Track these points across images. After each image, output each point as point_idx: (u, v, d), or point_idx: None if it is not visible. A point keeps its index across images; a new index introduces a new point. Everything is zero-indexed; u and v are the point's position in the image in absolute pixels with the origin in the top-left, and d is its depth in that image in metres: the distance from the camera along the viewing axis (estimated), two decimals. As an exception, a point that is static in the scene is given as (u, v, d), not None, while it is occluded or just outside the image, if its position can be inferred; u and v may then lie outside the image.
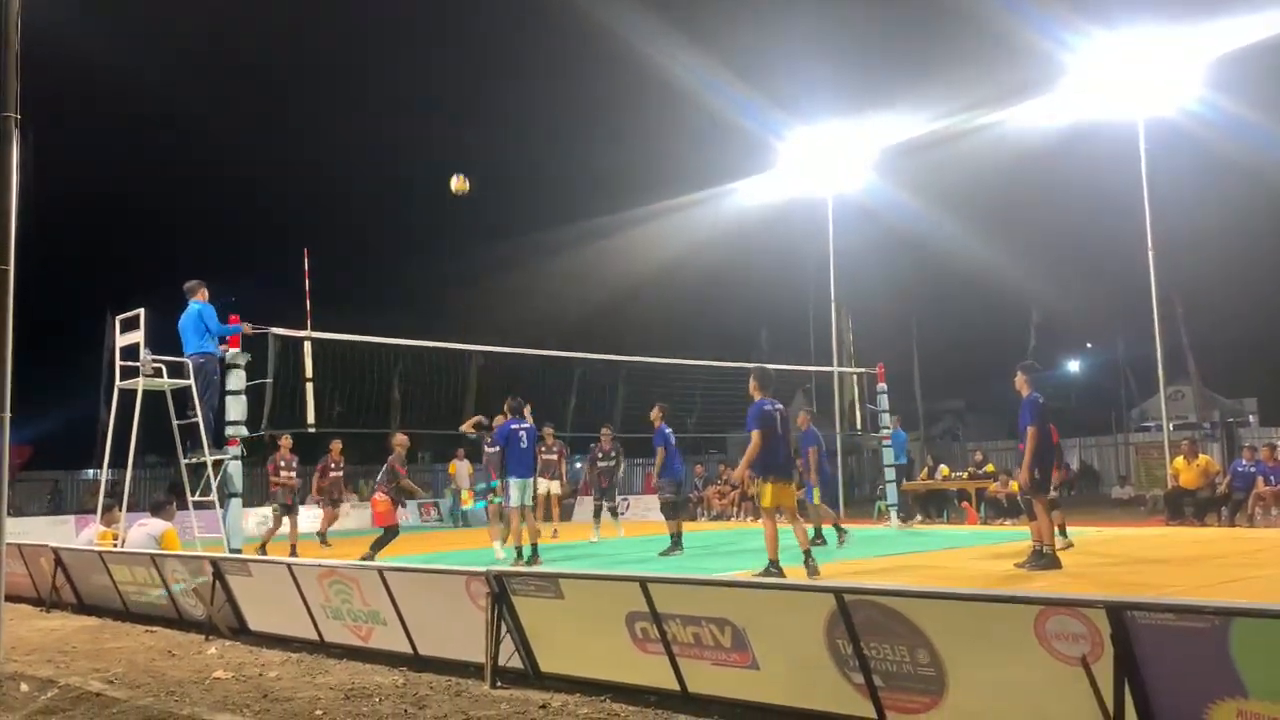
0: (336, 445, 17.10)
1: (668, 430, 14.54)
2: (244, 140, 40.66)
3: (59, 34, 21.52)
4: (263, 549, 14.86)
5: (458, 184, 14.45)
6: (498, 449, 13.33)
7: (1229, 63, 19.83)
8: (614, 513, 17.86)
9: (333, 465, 17.31)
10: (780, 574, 9.80)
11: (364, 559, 12.30)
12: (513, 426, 12.93)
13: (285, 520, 16.06)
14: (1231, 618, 3.84)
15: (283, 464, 16.16)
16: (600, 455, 17.84)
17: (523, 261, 39.45)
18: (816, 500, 14.27)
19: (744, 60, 33.30)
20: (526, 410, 13.46)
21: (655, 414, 14.61)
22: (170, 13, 36.34)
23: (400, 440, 13.99)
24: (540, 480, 16.30)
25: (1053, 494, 12.59)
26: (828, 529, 14.48)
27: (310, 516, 18.61)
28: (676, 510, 14.81)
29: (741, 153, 29.55)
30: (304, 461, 17.58)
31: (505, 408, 13.41)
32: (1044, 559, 10.63)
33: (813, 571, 10.05)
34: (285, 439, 15.88)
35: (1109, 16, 20.75)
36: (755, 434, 10.11)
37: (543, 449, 17.23)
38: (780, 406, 10.50)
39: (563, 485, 18.70)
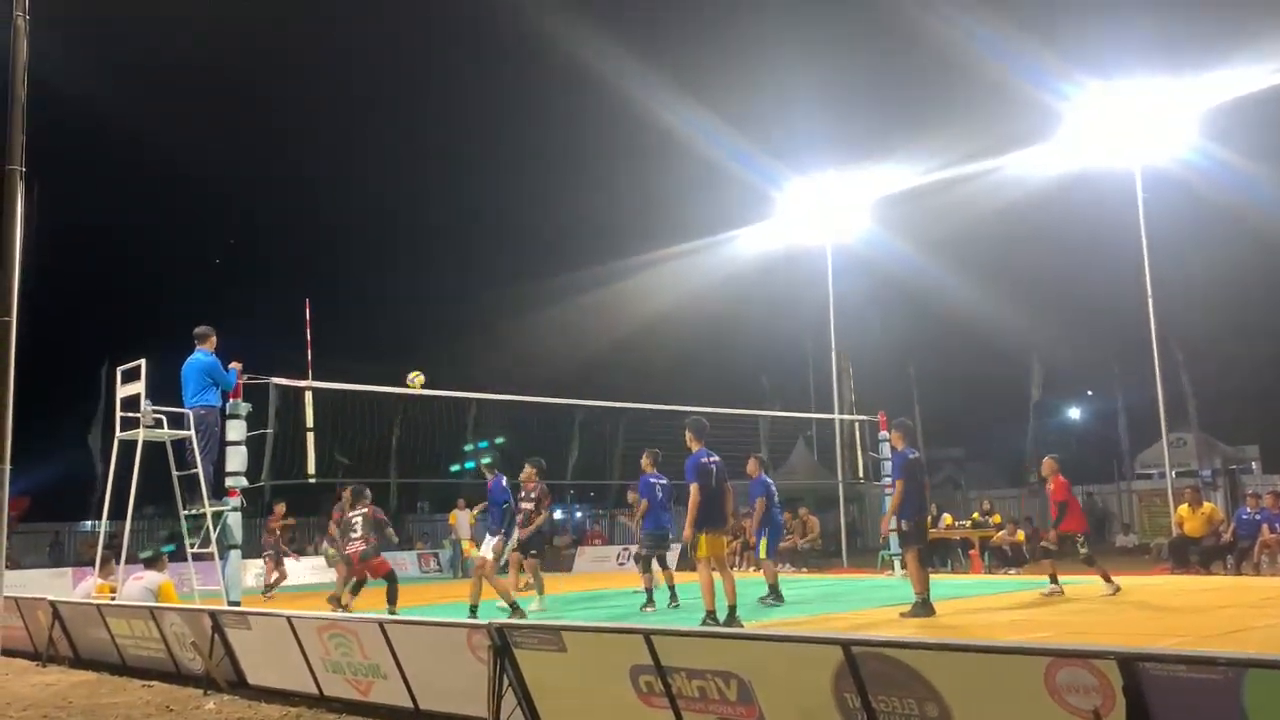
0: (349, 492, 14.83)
1: (652, 480, 13.41)
2: (245, 190, 41.01)
3: (57, 82, 21.71)
4: (337, 602, 14.03)
5: (415, 379, 14.24)
6: None
7: (1223, 113, 20.06)
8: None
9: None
10: (716, 623, 9.75)
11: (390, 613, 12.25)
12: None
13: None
14: (1245, 669, 3.79)
15: None
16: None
17: (523, 309, 39.62)
18: (763, 554, 13.68)
19: (742, 111, 33.63)
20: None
21: (645, 461, 13.51)
22: (170, 61, 36.80)
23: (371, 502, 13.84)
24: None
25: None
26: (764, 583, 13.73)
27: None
28: (648, 565, 13.61)
29: (740, 202, 29.75)
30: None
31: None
32: (920, 608, 10.86)
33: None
34: (349, 489, 14.92)
35: (1104, 67, 21.04)
36: (694, 487, 9.99)
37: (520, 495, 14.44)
38: (716, 458, 10.31)
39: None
